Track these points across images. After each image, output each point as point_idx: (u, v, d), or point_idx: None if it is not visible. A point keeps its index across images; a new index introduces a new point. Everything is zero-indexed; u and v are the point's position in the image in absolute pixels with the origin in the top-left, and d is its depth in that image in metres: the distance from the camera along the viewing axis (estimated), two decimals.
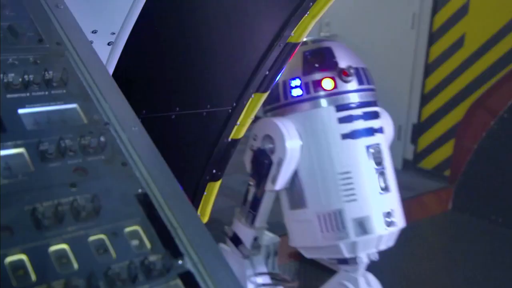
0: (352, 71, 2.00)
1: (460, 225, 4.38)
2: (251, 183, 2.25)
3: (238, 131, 2.42)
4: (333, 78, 1.99)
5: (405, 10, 6.20)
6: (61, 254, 0.64)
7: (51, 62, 0.86)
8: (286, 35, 2.12)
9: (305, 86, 2.03)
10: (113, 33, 1.51)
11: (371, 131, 2.01)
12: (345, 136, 1.98)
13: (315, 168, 2.00)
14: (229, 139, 2.41)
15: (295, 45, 2.14)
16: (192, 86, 2.12)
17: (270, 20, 2.13)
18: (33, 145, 0.73)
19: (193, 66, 2.05)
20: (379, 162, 1.99)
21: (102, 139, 0.78)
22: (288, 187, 2.07)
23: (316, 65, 2.05)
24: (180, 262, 0.69)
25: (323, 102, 1.99)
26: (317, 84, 2.00)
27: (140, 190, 0.76)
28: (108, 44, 1.54)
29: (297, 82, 2.06)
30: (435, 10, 5.85)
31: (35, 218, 0.65)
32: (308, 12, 2.08)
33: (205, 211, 2.65)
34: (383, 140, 2.04)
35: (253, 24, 2.11)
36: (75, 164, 0.75)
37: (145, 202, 0.75)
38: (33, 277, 0.61)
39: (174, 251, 0.70)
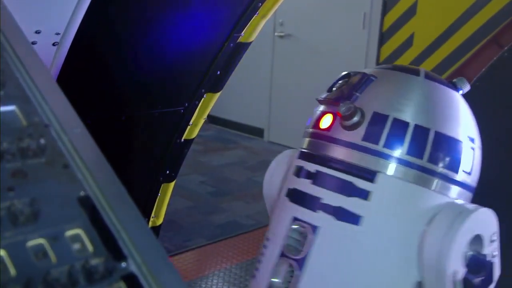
0: (358, 114, 1.42)
1: None
2: None
3: (191, 131, 2.41)
4: (333, 115, 1.49)
5: (356, 10, 6.32)
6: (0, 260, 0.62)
7: None
8: (236, 35, 2.13)
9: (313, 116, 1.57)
10: (58, 34, 1.48)
11: (312, 203, 1.47)
12: (287, 193, 1.56)
13: None
14: (182, 139, 2.40)
15: (245, 44, 2.15)
16: (143, 87, 2.10)
17: (220, 20, 2.13)
18: None
19: (143, 67, 2.04)
20: (293, 249, 1.48)
21: (42, 141, 0.76)
22: None
23: (334, 89, 1.55)
24: (123, 264, 0.69)
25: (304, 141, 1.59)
26: (318, 117, 1.54)
27: (82, 193, 0.75)
28: (53, 44, 1.51)
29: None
30: (385, 11, 5.99)
31: None
32: (257, 12, 2.10)
33: (160, 213, 2.63)
34: (328, 226, 1.44)
35: (203, 25, 2.11)
36: (13, 168, 0.73)
37: (87, 204, 0.73)
38: None
39: (117, 254, 0.69)
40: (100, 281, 0.65)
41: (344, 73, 1.56)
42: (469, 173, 1.49)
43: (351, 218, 1.40)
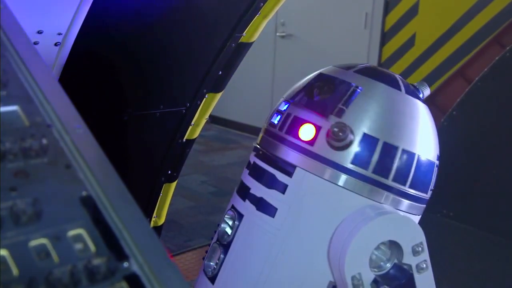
0: (350, 135, 1.36)
1: None
2: None
3: (193, 131, 2.41)
4: (317, 128, 1.40)
5: (358, 10, 6.32)
6: (1, 260, 0.62)
7: None
8: (238, 35, 2.13)
9: (283, 119, 1.49)
10: (60, 34, 1.48)
11: (243, 192, 1.54)
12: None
13: None
14: (184, 139, 2.40)
15: (247, 45, 2.15)
16: (145, 87, 2.10)
17: (221, 20, 2.13)
18: None
19: (145, 67, 2.04)
20: (224, 234, 1.56)
21: (44, 141, 0.76)
22: None
23: (317, 97, 1.47)
24: (125, 264, 0.69)
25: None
26: (292, 123, 1.46)
27: (84, 193, 0.75)
28: (55, 44, 1.51)
29: (281, 106, 1.53)
30: (386, 11, 5.98)
31: None
32: (259, 12, 2.10)
33: (161, 213, 2.63)
34: (250, 216, 1.49)
35: (205, 24, 2.11)
36: (15, 168, 0.73)
37: (90, 204, 0.73)
38: None
39: (119, 254, 0.69)
40: (102, 281, 0.65)
41: (317, 73, 1.53)
42: (402, 182, 1.41)
43: (269, 209, 1.46)
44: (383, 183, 1.39)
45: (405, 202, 1.45)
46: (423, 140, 1.44)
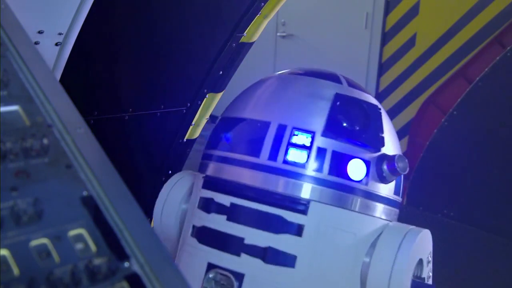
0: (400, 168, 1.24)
1: (414, 219, 4.48)
2: None
3: (193, 131, 2.41)
4: (367, 163, 1.26)
5: (358, 10, 6.31)
6: (1, 260, 0.62)
7: None
8: (239, 35, 2.13)
9: (316, 155, 1.23)
10: (61, 34, 1.48)
11: (231, 245, 1.20)
12: (194, 233, 1.28)
13: None
14: (185, 139, 2.40)
15: (248, 44, 2.15)
16: (145, 86, 2.10)
17: (222, 20, 2.13)
18: None
19: (146, 67, 2.04)
20: None
21: (45, 141, 0.76)
22: None
23: (345, 124, 1.27)
24: (126, 264, 0.69)
25: None
26: (339, 162, 1.25)
27: (85, 193, 0.75)
28: (56, 44, 1.51)
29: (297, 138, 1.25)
30: (387, 11, 5.98)
31: None
32: (260, 12, 2.09)
33: None
34: (257, 272, 1.19)
35: (206, 24, 2.11)
36: (16, 167, 0.73)
37: (90, 204, 0.73)
38: None
39: (120, 253, 0.69)
40: (103, 281, 0.65)
41: (335, 95, 1.28)
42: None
43: (285, 259, 1.19)
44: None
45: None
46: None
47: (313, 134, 1.21)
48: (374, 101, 1.37)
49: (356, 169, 1.24)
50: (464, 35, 5.36)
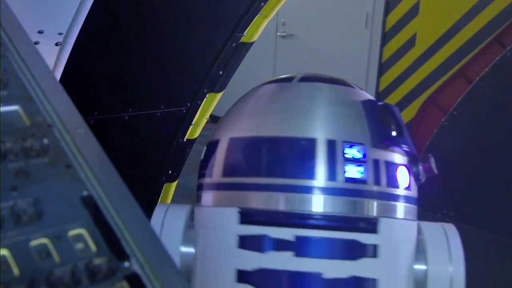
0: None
1: None
2: None
3: (194, 131, 2.41)
4: (407, 168, 1.20)
5: (358, 10, 6.32)
6: (1, 260, 0.63)
7: None
8: (238, 35, 2.13)
9: (373, 168, 1.13)
10: (61, 33, 1.48)
11: (307, 284, 1.08)
12: (244, 278, 1.09)
13: None
14: (185, 139, 2.40)
15: (248, 44, 2.15)
16: (145, 86, 2.10)
17: (222, 20, 2.13)
18: None
19: (146, 67, 2.04)
20: None
21: (45, 141, 0.76)
22: None
23: (386, 131, 1.18)
24: (126, 264, 0.69)
25: None
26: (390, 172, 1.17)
27: (85, 193, 0.75)
28: (56, 44, 1.51)
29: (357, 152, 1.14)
30: (387, 11, 5.99)
31: None
32: (260, 12, 2.10)
33: None
34: None
35: (205, 24, 2.11)
36: (16, 167, 0.73)
37: (90, 204, 0.73)
38: None
39: (120, 253, 0.69)
40: (103, 281, 0.65)
41: (367, 100, 1.20)
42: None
43: (368, 286, 1.10)
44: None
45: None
46: None
47: (363, 146, 1.12)
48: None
49: (402, 176, 1.18)
50: (464, 35, 5.36)
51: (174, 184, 2.56)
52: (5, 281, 0.60)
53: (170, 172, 2.46)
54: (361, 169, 1.10)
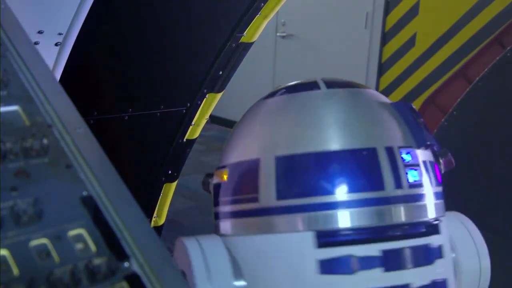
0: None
1: None
2: None
3: (193, 131, 2.42)
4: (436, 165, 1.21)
5: (358, 10, 6.32)
6: (1, 260, 0.63)
7: None
8: (238, 35, 2.13)
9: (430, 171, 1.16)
10: (61, 34, 1.48)
11: None
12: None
13: None
14: (184, 139, 2.41)
15: (248, 45, 2.15)
16: (145, 86, 2.10)
17: (222, 20, 2.13)
18: None
19: (145, 67, 2.04)
20: None
21: (45, 141, 0.76)
22: None
23: (420, 131, 1.17)
24: (126, 264, 0.69)
25: None
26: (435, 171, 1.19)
27: (85, 193, 0.75)
28: (56, 44, 1.51)
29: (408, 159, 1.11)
30: (387, 11, 5.98)
31: None
32: (259, 12, 2.10)
33: (162, 213, 2.63)
34: None
35: (205, 24, 2.11)
36: (16, 168, 0.73)
37: (90, 204, 0.73)
38: None
39: (119, 254, 0.69)
40: (103, 281, 0.65)
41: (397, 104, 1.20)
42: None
43: (442, 287, 1.11)
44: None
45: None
46: None
47: (413, 149, 1.11)
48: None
49: (438, 173, 1.19)
50: (464, 35, 5.36)
51: (174, 184, 2.56)
52: (5, 281, 0.60)
53: (170, 172, 2.46)
54: (416, 173, 1.10)
